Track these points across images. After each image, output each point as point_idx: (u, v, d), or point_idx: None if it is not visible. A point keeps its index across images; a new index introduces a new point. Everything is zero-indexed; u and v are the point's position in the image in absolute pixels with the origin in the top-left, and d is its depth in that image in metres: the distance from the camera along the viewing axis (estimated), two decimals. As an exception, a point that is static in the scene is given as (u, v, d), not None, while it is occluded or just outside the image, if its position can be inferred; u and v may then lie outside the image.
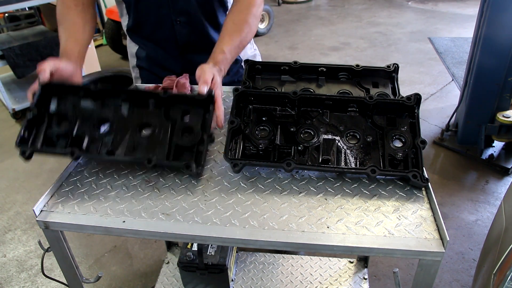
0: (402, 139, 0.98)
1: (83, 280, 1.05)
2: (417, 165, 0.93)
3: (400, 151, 0.96)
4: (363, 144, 0.99)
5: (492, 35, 2.41)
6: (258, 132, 1.03)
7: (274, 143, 1.01)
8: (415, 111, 1.00)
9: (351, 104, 1.04)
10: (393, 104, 1.02)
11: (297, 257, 1.77)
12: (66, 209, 0.92)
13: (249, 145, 1.01)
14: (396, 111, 1.02)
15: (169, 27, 1.31)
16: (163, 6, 1.27)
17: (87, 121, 1.03)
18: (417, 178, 0.90)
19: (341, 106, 1.04)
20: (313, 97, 1.06)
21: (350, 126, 1.02)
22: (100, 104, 1.05)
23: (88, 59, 3.98)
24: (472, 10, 5.75)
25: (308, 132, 1.02)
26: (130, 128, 1.02)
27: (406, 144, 0.97)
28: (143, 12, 1.31)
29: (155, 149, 0.98)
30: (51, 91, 1.04)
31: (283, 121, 1.04)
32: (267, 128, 1.03)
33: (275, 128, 1.03)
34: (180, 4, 1.27)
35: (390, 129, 1.00)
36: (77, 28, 1.20)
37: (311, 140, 1.00)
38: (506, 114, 2.54)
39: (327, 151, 0.98)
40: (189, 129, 1.00)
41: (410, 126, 1.00)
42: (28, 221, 2.47)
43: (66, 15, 1.21)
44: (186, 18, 1.30)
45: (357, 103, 1.03)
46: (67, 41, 1.16)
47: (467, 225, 2.27)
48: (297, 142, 1.00)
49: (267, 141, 1.01)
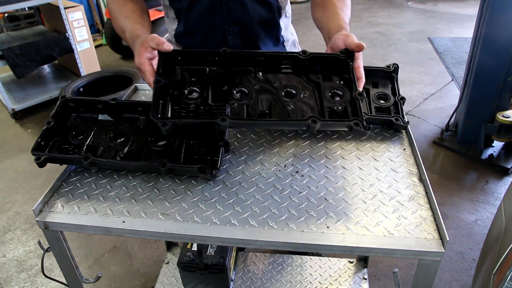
0: (339, 92, 0.96)
1: (83, 280, 1.05)
2: (356, 115, 0.90)
3: (339, 104, 0.93)
4: (300, 100, 0.96)
5: (492, 35, 2.41)
6: (187, 92, 0.95)
7: (206, 103, 0.93)
8: (350, 65, 0.97)
9: (284, 62, 1.00)
10: (327, 59, 0.99)
11: (297, 257, 1.77)
12: (66, 209, 0.92)
13: (178, 108, 0.93)
14: (331, 67, 0.99)
15: (221, 37, 1.27)
16: (216, 15, 1.23)
17: (103, 132, 1.05)
18: (359, 126, 0.86)
19: (274, 64, 1.00)
20: (245, 53, 1.00)
21: (285, 83, 0.99)
22: (117, 117, 1.08)
23: (88, 59, 3.99)
24: (472, 10, 5.76)
25: (242, 91, 0.97)
26: (145, 139, 1.04)
27: (344, 97, 0.95)
28: (194, 20, 1.26)
29: (169, 157, 0.99)
30: (70, 105, 1.08)
31: (215, 81, 0.98)
32: (198, 89, 0.96)
33: (206, 88, 0.96)
34: (235, 13, 1.23)
35: (326, 85, 0.98)
36: (138, 16, 1.18)
37: (245, 98, 0.95)
38: (506, 114, 2.54)
39: (263, 107, 0.94)
40: (204, 139, 1.02)
41: (346, 81, 0.98)
42: (28, 221, 2.46)
43: (123, 6, 1.20)
44: (240, 28, 1.26)
45: (290, 59, 1.00)
46: (134, 26, 1.13)
47: (467, 225, 2.27)
48: (230, 101, 0.94)
49: (198, 101, 0.93)
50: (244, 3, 1.22)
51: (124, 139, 1.04)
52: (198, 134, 1.04)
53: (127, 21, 1.16)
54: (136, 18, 1.17)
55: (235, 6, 1.22)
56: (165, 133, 0.88)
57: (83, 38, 3.89)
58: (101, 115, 1.08)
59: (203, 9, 1.23)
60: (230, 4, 1.21)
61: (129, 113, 1.08)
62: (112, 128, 1.06)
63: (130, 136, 1.04)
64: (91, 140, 1.04)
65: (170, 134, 1.03)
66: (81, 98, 1.08)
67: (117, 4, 1.21)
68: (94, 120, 1.08)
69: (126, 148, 1.02)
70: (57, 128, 1.04)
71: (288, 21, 1.41)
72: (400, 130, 1.13)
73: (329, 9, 1.16)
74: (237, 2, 1.21)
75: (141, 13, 1.20)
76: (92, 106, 1.08)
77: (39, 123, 3.53)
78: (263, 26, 1.29)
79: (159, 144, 1.02)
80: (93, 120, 1.08)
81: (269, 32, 1.32)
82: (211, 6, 1.22)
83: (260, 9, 1.25)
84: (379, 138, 1.11)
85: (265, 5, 1.25)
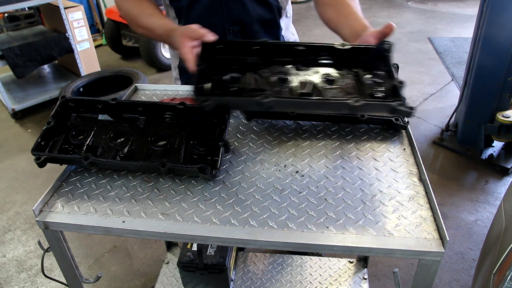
0: (379, 81, 0.97)
1: (83, 280, 1.05)
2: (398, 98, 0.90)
3: (379, 91, 0.94)
4: (341, 86, 0.97)
5: (492, 35, 2.41)
6: (228, 78, 0.98)
7: (246, 88, 0.95)
8: (389, 56, 0.98)
9: (324, 53, 1.01)
10: (367, 50, 1.00)
11: (297, 257, 1.77)
12: (66, 209, 0.92)
13: (220, 92, 0.95)
14: (370, 58, 1.00)
15: (221, 36, 1.27)
16: (216, 15, 1.24)
17: (103, 132, 1.05)
18: (403, 106, 0.87)
19: (314, 54, 1.01)
20: (284, 44, 1.03)
21: (325, 71, 1.00)
22: (117, 117, 1.08)
23: (88, 59, 3.99)
24: (472, 10, 5.75)
25: (281, 78, 0.98)
26: (145, 139, 1.04)
27: (385, 85, 0.96)
28: (194, 20, 1.25)
29: (169, 157, 1.00)
30: (70, 105, 1.07)
31: (255, 69, 0.99)
32: (238, 74, 0.98)
33: (247, 75, 0.98)
34: (235, 13, 1.23)
35: (366, 75, 0.99)
36: (159, 12, 1.20)
37: (285, 83, 0.96)
38: (506, 114, 2.54)
39: (304, 89, 0.95)
40: (204, 139, 1.02)
41: (386, 71, 0.99)
42: (28, 221, 2.46)
43: (140, 5, 1.21)
44: (240, 27, 1.26)
45: (330, 50, 1.01)
46: (163, 21, 1.15)
47: (467, 225, 2.27)
48: (271, 85, 0.95)
49: (238, 85, 0.95)
50: (244, 2, 1.22)
51: (124, 139, 1.04)
52: (198, 134, 1.04)
53: (153, 18, 1.17)
54: (159, 14, 1.19)
55: (235, 5, 1.22)
56: (207, 109, 0.89)
57: (83, 38, 3.90)
58: (101, 115, 1.08)
59: (203, 9, 1.23)
60: (229, 3, 1.21)
61: (129, 113, 1.08)
62: (112, 128, 1.06)
63: (130, 136, 1.04)
64: (91, 140, 1.04)
65: (170, 134, 1.04)
66: (81, 98, 1.08)
67: (132, 4, 1.22)
68: (94, 120, 1.08)
69: (126, 148, 1.02)
70: (57, 128, 1.04)
71: (288, 21, 1.41)
72: (400, 130, 1.13)
73: (344, 9, 1.16)
74: (237, 2, 1.21)
75: (159, 9, 1.22)
76: (92, 106, 1.08)
77: (39, 123, 3.53)
78: (263, 25, 1.29)
79: (159, 144, 1.02)
80: (93, 120, 1.08)
81: (269, 32, 1.32)
82: (211, 6, 1.22)
83: (259, 9, 1.25)
84: (379, 138, 1.11)
85: (265, 5, 1.25)
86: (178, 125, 1.06)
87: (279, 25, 1.33)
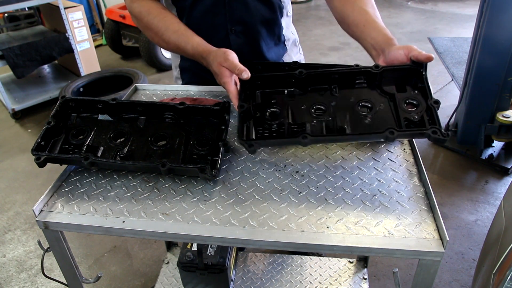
0: (414, 102, 0.97)
1: (83, 280, 1.05)
2: (434, 123, 0.91)
3: (415, 113, 0.95)
4: (377, 112, 0.98)
5: (492, 35, 2.41)
6: (268, 114, 1.02)
7: (287, 123, 0.99)
8: (423, 74, 0.98)
9: (358, 77, 1.03)
10: (400, 70, 1.00)
11: (297, 257, 1.77)
12: (66, 209, 0.92)
13: (261, 129, 1.00)
14: (404, 77, 1.01)
15: (223, 36, 1.28)
16: (219, 15, 1.23)
17: (103, 132, 1.05)
18: (437, 133, 0.87)
19: (348, 79, 1.03)
20: (319, 73, 1.04)
21: (360, 97, 1.01)
22: (117, 117, 1.08)
23: (88, 59, 3.99)
24: (472, 10, 5.76)
25: (319, 108, 1.01)
26: (145, 139, 1.04)
27: (420, 107, 0.96)
28: (196, 19, 1.26)
29: (169, 157, 1.00)
30: (70, 105, 1.08)
31: (293, 101, 1.03)
32: (278, 109, 1.02)
33: (286, 108, 1.02)
34: (238, 13, 1.23)
35: (401, 96, 0.99)
36: (184, 27, 1.18)
37: (323, 114, 0.99)
38: (506, 114, 2.54)
39: (341, 122, 0.98)
40: (204, 139, 1.02)
41: (420, 90, 0.99)
42: (28, 221, 2.46)
43: (164, 18, 1.19)
44: (242, 27, 1.26)
45: (364, 74, 1.02)
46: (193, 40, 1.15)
47: (466, 225, 2.27)
48: (309, 119, 0.99)
49: (279, 121, 0.99)
50: (247, 2, 1.22)
51: (124, 139, 1.04)
52: (198, 134, 1.04)
53: (181, 37, 1.16)
54: (187, 30, 1.17)
55: (238, 6, 1.22)
56: (252, 153, 0.97)
57: (83, 38, 3.90)
58: (101, 115, 1.08)
59: (205, 8, 1.23)
60: (232, 4, 1.21)
61: (129, 113, 1.08)
62: (112, 128, 1.06)
63: (130, 136, 1.04)
64: (91, 140, 1.04)
65: (170, 134, 1.04)
66: (81, 98, 1.08)
67: (157, 17, 1.19)
68: (94, 120, 1.08)
69: (126, 148, 1.02)
70: (57, 128, 1.04)
71: (289, 20, 1.41)
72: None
73: (363, 16, 1.13)
74: (240, 2, 1.21)
75: (183, 24, 1.20)
76: (92, 106, 1.08)
77: (39, 123, 3.53)
78: (265, 25, 1.29)
79: (159, 144, 1.02)
80: (93, 120, 1.08)
81: (271, 31, 1.32)
82: (214, 6, 1.22)
83: (262, 9, 1.25)
84: (379, 138, 1.11)
85: (267, 4, 1.25)
86: (178, 125, 1.06)
87: (281, 24, 1.33)
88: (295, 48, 1.47)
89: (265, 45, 1.32)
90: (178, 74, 1.48)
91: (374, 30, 1.09)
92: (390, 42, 1.05)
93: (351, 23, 1.15)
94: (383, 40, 1.06)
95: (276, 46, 1.37)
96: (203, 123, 1.06)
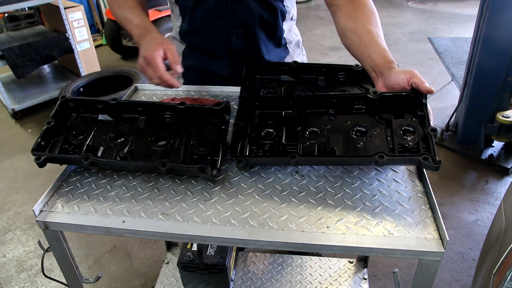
0: (411, 129, 0.97)
1: (83, 280, 1.05)
2: (429, 151, 0.89)
3: (410, 140, 0.94)
4: (371, 137, 0.98)
5: (492, 35, 2.41)
6: (263, 134, 1.03)
7: (280, 143, 1.00)
8: (423, 102, 0.97)
9: (356, 102, 1.03)
10: (399, 97, 0.99)
11: (297, 257, 1.77)
12: (66, 209, 0.92)
13: (256, 148, 1.01)
14: (403, 105, 1.00)
15: (224, 38, 1.28)
16: (220, 17, 1.24)
17: (103, 132, 1.05)
18: (429, 160, 0.86)
19: (346, 104, 1.03)
20: (317, 97, 1.05)
21: (356, 122, 1.01)
22: (117, 117, 1.08)
23: (88, 59, 3.99)
24: (472, 10, 5.76)
25: (313, 131, 1.02)
26: (145, 139, 1.04)
27: (416, 134, 0.95)
28: (198, 20, 1.27)
29: (169, 157, 1.00)
30: (70, 105, 1.08)
31: (289, 122, 1.04)
32: (273, 130, 1.03)
33: (281, 129, 1.03)
34: (240, 16, 1.23)
35: (398, 122, 0.99)
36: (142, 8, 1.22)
37: (316, 137, 1.00)
38: (506, 114, 2.54)
39: (333, 144, 0.98)
40: (204, 139, 1.02)
41: (419, 117, 0.98)
42: (28, 221, 2.46)
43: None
44: (243, 30, 1.27)
45: (362, 99, 1.02)
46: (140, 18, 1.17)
47: (467, 225, 2.27)
48: (302, 140, 1.00)
49: (273, 141, 1.01)
50: (249, 6, 1.22)
51: (124, 139, 1.04)
52: (198, 134, 1.04)
53: (132, 13, 1.18)
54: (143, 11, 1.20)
55: (240, 9, 1.22)
56: (241, 169, 0.99)
57: (83, 38, 3.90)
58: (101, 115, 1.08)
59: (208, 10, 1.23)
60: (235, 6, 1.21)
61: (129, 113, 1.08)
62: (112, 128, 1.06)
63: (130, 136, 1.04)
64: (91, 140, 1.04)
65: (170, 134, 1.04)
66: (81, 98, 1.08)
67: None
68: (94, 120, 1.08)
69: (126, 148, 1.02)
70: (57, 128, 1.04)
71: (292, 23, 1.41)
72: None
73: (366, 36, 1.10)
74: (242, 5, 1.21)
75: (142, 6, 1.23)
76: (92, 106, 1.08)
77: (39, 123, 3.53)
78: (265, 28, 1.29)
79: (159, 144, 1.02)
80: (93, 120, 1.08)
81: (270, 35, 1.33)
82: (216, 8, 1.22)
83: (263, 13, 1.25)
84: (379, 138, 1.11)
85: (269, 8, 1.26)
86: (178, 125, 1.06)
87: (282, 28, 1.33)
88: (298, 49, 1.47)
89: (265, 47, 1.32)
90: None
91: (375, 52, 1.06)
92: (390, 66, 1.02)
93: (352, 42, 1.13)
94: (382, 63, 1.03)
95: (276, 48, 1.37)
96: (203, 123, 1.06)
